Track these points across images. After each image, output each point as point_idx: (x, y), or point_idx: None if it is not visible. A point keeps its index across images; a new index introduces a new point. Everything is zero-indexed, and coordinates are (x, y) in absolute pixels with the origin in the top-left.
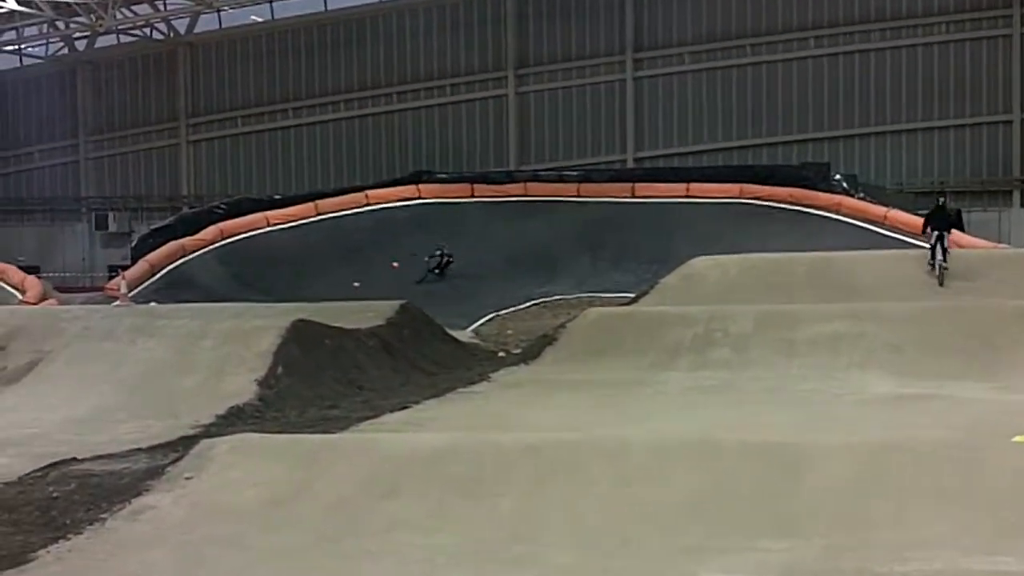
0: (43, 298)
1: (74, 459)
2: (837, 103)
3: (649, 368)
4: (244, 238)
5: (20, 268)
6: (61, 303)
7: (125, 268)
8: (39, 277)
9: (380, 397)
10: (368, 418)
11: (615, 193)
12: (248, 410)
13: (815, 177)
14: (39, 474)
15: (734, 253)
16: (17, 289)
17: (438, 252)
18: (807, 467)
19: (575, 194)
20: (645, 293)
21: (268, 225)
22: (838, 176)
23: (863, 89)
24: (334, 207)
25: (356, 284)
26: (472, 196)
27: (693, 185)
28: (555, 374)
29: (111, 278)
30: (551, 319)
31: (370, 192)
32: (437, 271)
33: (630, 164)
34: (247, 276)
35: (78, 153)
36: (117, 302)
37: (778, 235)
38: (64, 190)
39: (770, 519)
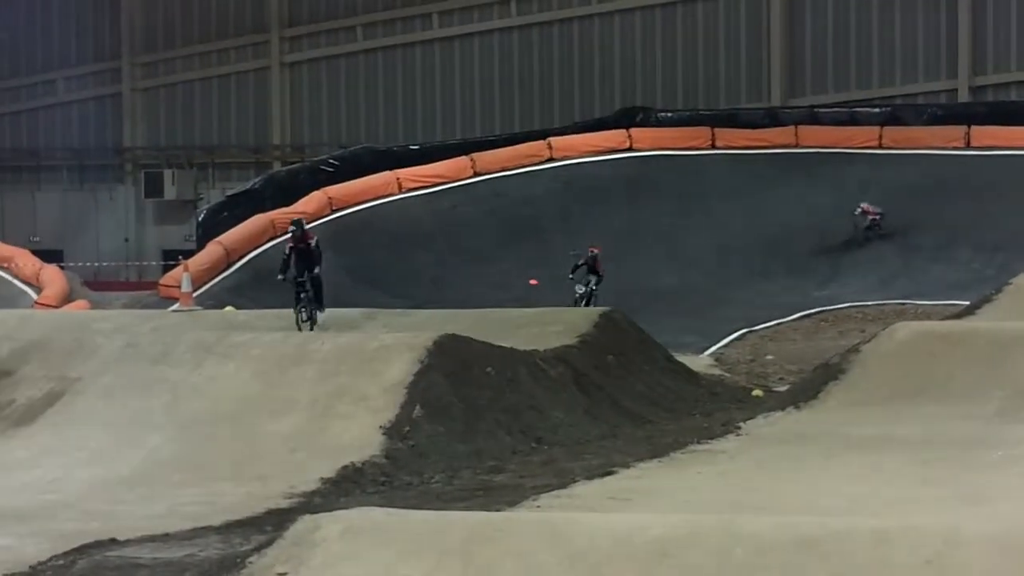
0: (68, 299)
1: (112, 541)
2: None
3: (995, 418)
4: (365, 210)
5: (35, 254)
6: (94, 306)
7: (188, 255)
8: (62, 267)
9: (569, 456)
10: (551, 487)
11: (940, 141)
12: (370, 472)
13: None
14: (61, 562)
15: None
16: (30, 285)
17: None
18: None
19: (875, 143)
20: (987, 300)
21: (400, 191)
22: None
23: None
24: (499, 163)
25: (533, 282)
26: (712, 146)
27: None
28: (842, 425)
29: (167, 269)
30: (834, 339)
31: (555, 141)
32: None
33: (963, 97)
34: (368, 267)
35: (120, 81)
36: (176, 305)
37: None
38: (99, 137)
39: None
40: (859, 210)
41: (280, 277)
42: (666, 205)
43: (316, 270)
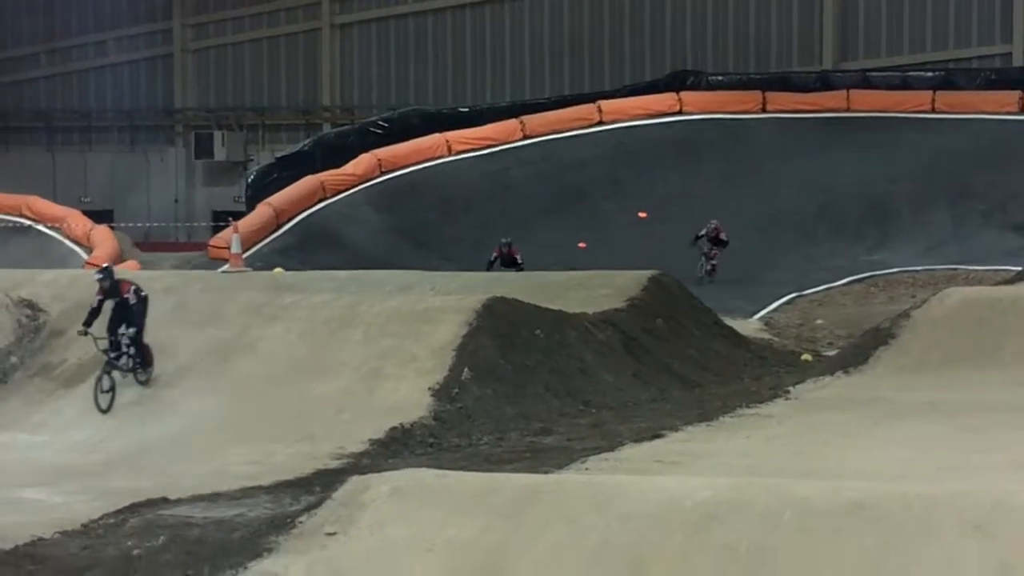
0: (118, 259)
1: (163, 500)
2: None
3: None
4: (414, 172)
5: (86, 214)
6: (144, 267)
7: (238, 216)
8: (112, 227)
9: (617, 418)
10: (599, 450)
11: (993, 106)
12: (419, 433)
13: None
14: (113, 520)
15: None
16: (81, 245)
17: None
18: None
19: (928, 107)
20: None
21: (449, 153)
22: None
23: None
24: (548, 126)
25: (582, 245)
26: (763, 110)
27: None
28: (892, 390)
29: (217, 230)
30: (885, 304)
31: (605, 104)
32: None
33: (1017, 61)
34: (417, 230)
35: (171, 43)
36: (226, 266)
37: None
38: (149, 99)
39: None
40: (706, 230)
41: (80, 330)
42: (716, 169)
43: (132, 329)
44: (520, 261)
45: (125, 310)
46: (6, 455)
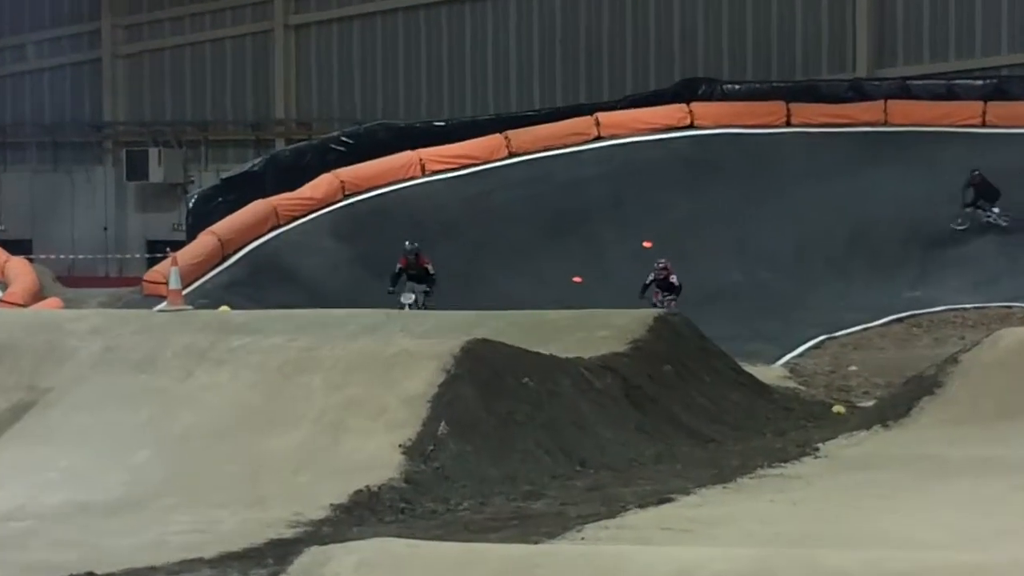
0: (37, 296)
1: (91, 575)
2: None
3: None
4: (381, 196)
5: (0, 244)
6: (68, 305)
7: (177, 247)
8: (30, 260)
9: (618, 480)
10: (598, 517)
11: None
12: (388, 497)
13: None
14: None
15: None
16: None
17: None
18: None
19: (978, 121)
20: None
21: (423, 174)
22: None
23: None
24: (538, 143)
25: (577, 279)
26: (787, 123)
27: None
28: (940, 445)
29: (153, 263)
30: (929, 347)
31: (604, 117)
32: None
33: None
34: (385, 262)
35: (99, 46)
36: (163, 304)
37: None
38: (75, 110)
39: None
40: (653, 275)
41: None
42: (732, 192)
43: None
44: (432, 272)
45: None
46: None
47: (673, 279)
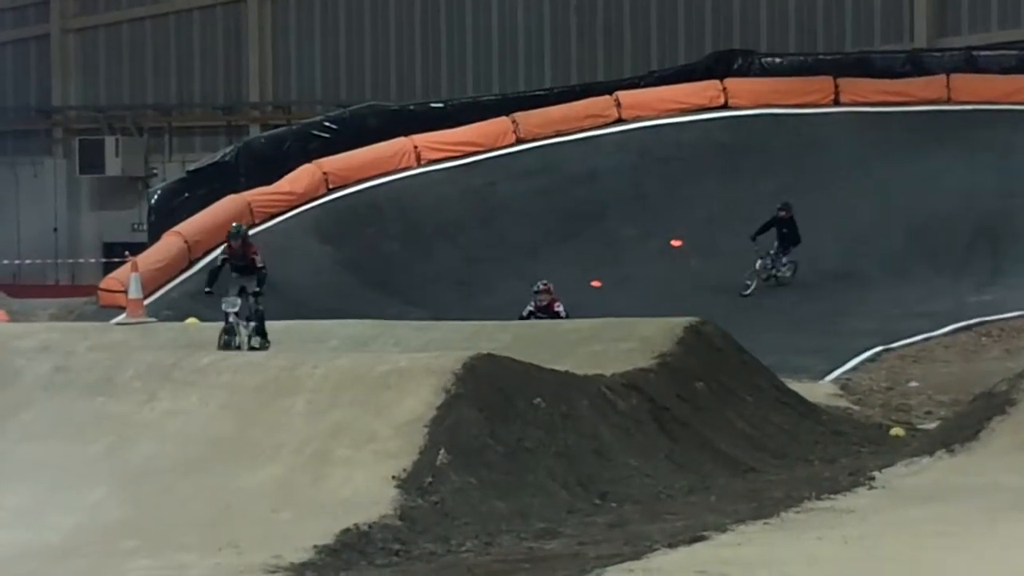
0: None
1: None
2: None
3: None
4: (371, 189)
5: None
6: (13, 318)
7: (137, 250)
8: None
9: (645, 516)
10: (621, 558)
11: None
12: (380, 537)
13: None
14: None
15: None
16: None
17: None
18: None
19: None
20: None
21: (418, 163)
22: None
23: None
24: (550, 127)
25: (596, 283)
26: (834, 102)
27: None
28: (1013, 473)
29: (110, 268)
30: (1000, 360)
31: (625, 96)
32: None
33: None
34: (376, 265)
35: (47, 20)
36: (122, 315)
37: None
38: (19, 94)
39: None
40: (533, 303)
41: None
42: (772, 181)
43: None
44: (261, 265)
45: None
46: None
47: (559, 308)
